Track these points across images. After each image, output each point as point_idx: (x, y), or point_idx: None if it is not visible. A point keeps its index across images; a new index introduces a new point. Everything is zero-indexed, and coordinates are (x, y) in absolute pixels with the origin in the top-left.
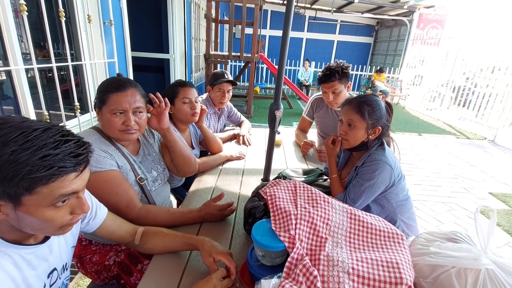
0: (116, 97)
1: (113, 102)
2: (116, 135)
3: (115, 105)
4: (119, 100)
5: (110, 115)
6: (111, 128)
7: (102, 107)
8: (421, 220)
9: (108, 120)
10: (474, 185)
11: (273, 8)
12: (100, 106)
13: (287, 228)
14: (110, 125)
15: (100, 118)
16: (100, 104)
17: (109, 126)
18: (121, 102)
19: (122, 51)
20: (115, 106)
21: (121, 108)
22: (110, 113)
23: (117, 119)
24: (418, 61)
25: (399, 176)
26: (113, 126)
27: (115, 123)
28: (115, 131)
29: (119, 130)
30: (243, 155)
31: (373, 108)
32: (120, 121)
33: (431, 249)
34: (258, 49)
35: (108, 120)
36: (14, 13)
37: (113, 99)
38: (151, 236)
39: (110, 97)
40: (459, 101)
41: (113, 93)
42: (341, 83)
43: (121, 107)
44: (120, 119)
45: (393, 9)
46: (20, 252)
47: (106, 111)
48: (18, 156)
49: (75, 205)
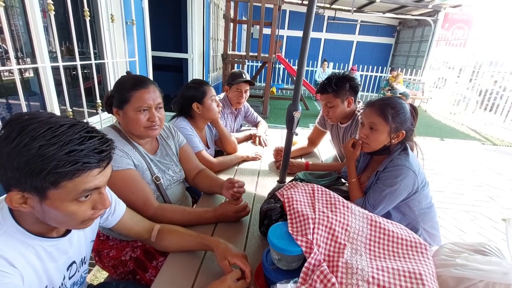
0: (140, 94)
1: (137, 100)
2: (141, 132)
3: (140, 102)
4: (143, 97)
5: (135, 113)
6: (137, 125)
7: (125, 106)
8: (442, 229)
9: (133, 118)
10: (501, 194)
11: (291, 8)
12: (122, 106)
13: (304, 232)
14: (136, 122)
15: (122, 117)
16: (122, 103)
17: (134, 123)
18: (146, 99)
19: (143, 50)
20: (140, 103)
21: (146, 105)
22: (135, 110)
23: (142, 116)
24: (442, 63)
25: (423, 182)
26: (139, 123)
27: (141, 120)
28: (140, 128)
29: (144, 127)
30: (259, 155)
31: (397, 111)
32: (145, 118)
33: (458, 260)
34: (276, 49)
35: (134, 118)
36: (42, 13)
37: (137, 96)
38: (167, 234)
39: (134, 95)
40: (485, 105)
41: (136, 91)
42: (336, 97)
43: (146, 104)
44: (145, 116)
45: (417, 8)
46: (43, 245)
47: (131, 109)
48: (45, 150)
49: (97, 200)
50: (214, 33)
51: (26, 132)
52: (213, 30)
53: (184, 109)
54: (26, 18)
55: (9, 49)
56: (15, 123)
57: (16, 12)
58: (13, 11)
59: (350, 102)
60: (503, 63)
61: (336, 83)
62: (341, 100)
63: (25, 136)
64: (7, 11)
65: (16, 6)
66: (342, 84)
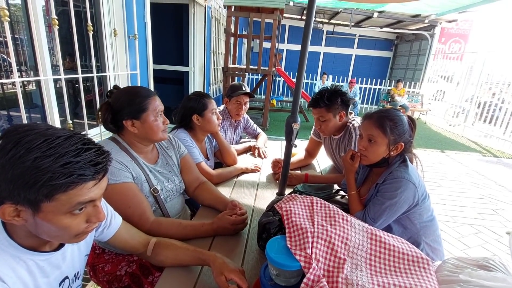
0: (153, 101)
1: (154, 106)
2: (159, 136)
3: (157, 108)
4: (157, 103)
5: (155, 118)
6: (157, 130)
7: (142, 114)
8: (445, 243)
9: (153, 124)
10: (504, 207)
11: (291, 23)
12: (139, 115)
13: (303, 246)
14: (157, 127)
15: (141, 126)
16: (139, 113)
17: (156, 128)
18: (159, 104)
19: (145, 63)
20: (158, 108)
21: (161, 109)
22: (155, 116)
23: (160, 120)
24: (440, 76)
25: (424, 195)
26: (159, 127)
27: (160, 124)
28: (159, 131)
29: (162, 131)
30: (259, 167)
31: (396, 123)
32: (161, 122)
33: (461, 276)
34: (276, 62)
35: (154, 124)
36: (47, 28)
37: (153, 103)
38: (163, 249)
39: (151, 102)
40: (484, 117)
41: (151, 98)
42: (328, 111)
43: (160, 109)
44: (161, 120)
45: (414, 23)
46: (35, 259)
47: (150, 115)
48: (40, 163)
49: (92, 213)
50: (215, 47)
51: (22, 143)
52: (214, 44)
53: (184, 120)
54: (30, 32)
55: (12, 62)
56: (11, 134)
57: (22, 27)
58: (19, 26)
59: (342, 116)
60: (500, 75)
61: (329, 98)
62: (333, 115)
63: (20, 147)
64: (12, 26)
65: (22, 22)
66: (334, 99)
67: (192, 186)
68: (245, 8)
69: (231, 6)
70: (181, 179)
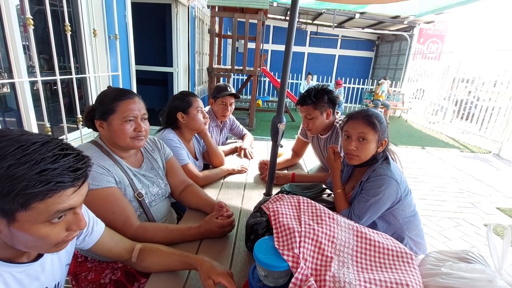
0: (126, 104)
1: (124, 110)
2: (127, 143)
3: (126, 112)
4: (129, 107)
5: (122, 123)
6: (123, 136)
7: (110, 116)
8: (427, 236)
9: (119, 128)
10: (481, 200)
11: (275, 23)
12: (106, 117)
13: (290, 246)
14: (122, 132)
15: (107, 129)
16: (106, 114)
17: (120, 134)
18: (132, 108)
19: (126, 64)
20: (127, 113)
21: (132, 114)
22: (121, 120)
23: (128, 126)
24: (419, 75)
25: (406, 191)
26: (125, 134)
27: (127, 130)
28: (126, 138)
29: (130, 137)
30: (245, 168)
31: (380, 120)
32: (131, 128)
33: (443, 269)
34: (261, 63)
35: (119, 128)
36: (23, 27)
37: (123, 106)
38: (148, 254)
39: (120, 104)
40: (462, 115)
41: (122, 101)
42: (315, 108)
43: (132, 114)
44: (131, 126)
45: (394, 24)
46: (11, 271)
47: (117, 119)
48: (14, 170)
49: (72, 221)
50: (199, 47)
51: None
52: (199, 45)
53: (170, 119)
54: (3, 33)
55: None
56: None
57: None
58: None
59: (328, 114)
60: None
61: (315, 95)
62: (320, 112)
63: None
64: None
65: None
66: (321, 96)
67: (178, 189)
68: (229, 9)
69: (214, 6)
70: (167, 182)
